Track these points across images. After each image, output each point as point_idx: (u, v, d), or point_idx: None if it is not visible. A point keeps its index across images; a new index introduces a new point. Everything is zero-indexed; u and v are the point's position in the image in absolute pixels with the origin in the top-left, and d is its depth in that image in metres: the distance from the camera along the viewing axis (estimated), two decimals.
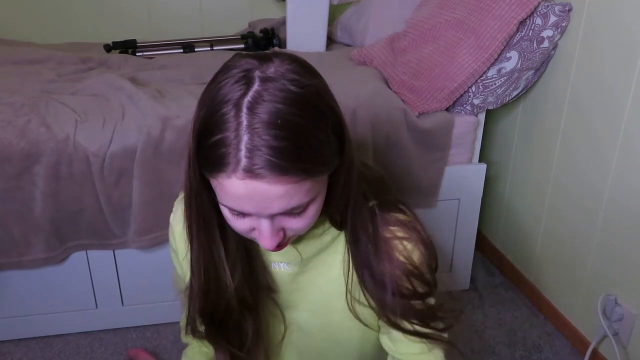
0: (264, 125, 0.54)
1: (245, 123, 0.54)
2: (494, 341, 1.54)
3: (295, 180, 0.56)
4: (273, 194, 0.57)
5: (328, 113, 0.60)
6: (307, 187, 0.58)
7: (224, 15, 2.42)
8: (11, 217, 1.31)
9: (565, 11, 1.40)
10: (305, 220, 0.63)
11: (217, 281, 0.72)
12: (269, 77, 0.56)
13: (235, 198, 0.58)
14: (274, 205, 0.58)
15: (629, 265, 1.29)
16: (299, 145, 0.55)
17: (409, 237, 0.72)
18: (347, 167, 0.65)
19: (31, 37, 2.27)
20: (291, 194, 0.57)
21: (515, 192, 1.74)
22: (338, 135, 0.62)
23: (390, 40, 1.72)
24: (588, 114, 1.38)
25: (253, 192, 0.56)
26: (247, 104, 0.55)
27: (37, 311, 1.49)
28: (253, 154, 0.54)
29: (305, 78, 0.58)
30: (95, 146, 1.30)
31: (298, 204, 0.59)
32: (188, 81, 1.65)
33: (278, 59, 0.59)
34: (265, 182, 0.55)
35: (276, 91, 0.55)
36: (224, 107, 0.56)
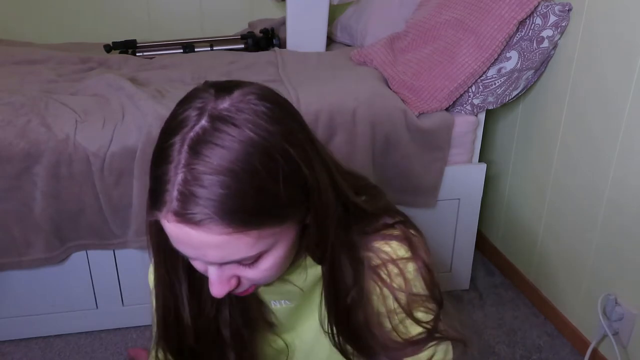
0: (202, 169, 0.49)
1: (183, 162, 0.50)
2: (494, 341, 1.54)
3: (229, 232, 0.51)
4: (206, 243, 0.52)
5: (282, 162, 0.53)
6: (248, 241, 0.53)
7: (224, 15, 2.42)
8: (11, 217, 1.31)
9: (565, 11, 1.40)
10: (261, 272, 0.58)
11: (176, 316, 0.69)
12: (220, 115, 0.51)
13: (173, 240, 0.54)
14: (210, 255, 0.53)
15: (629, 265, 1.29)
16: (237, 196, 0.50)
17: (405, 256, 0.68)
18: (317, 217, 0.59)
19: (31, 37, 2.27)
20: (229, 247, 0.53)
21: (515, 192, 1.74)
22: (297, 186, 0.55)
23: (390, 40, 1.72)
24: (588, 114, 1.38)
25: (186, 238, 0.52)
26: (189, 141, 0.50)
27: (37, 311, 1.49)
28: (185, 198, 0.50)
29: (264, 120, 0.52)
30: (95, 146, 1.30)
31: (241, 257, 0.54)
32: (188, 81, 1.65)
33: (239, 92, 0.54)
34: (196, 229, 0.51)
35: (223, 132, 0.50)
36: (173, 138, 0.52)
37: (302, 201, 0.57)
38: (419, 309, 0.70)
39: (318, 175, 0.58)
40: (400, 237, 0.69)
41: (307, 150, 0.57)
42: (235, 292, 0.61)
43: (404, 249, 0.69)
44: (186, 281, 0.67)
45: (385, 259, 0.68)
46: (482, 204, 1.64)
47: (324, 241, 0.62)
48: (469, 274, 1.74)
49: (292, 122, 0.57)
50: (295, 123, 0.57)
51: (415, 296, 0.69)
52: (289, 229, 0.58)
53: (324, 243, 0.62)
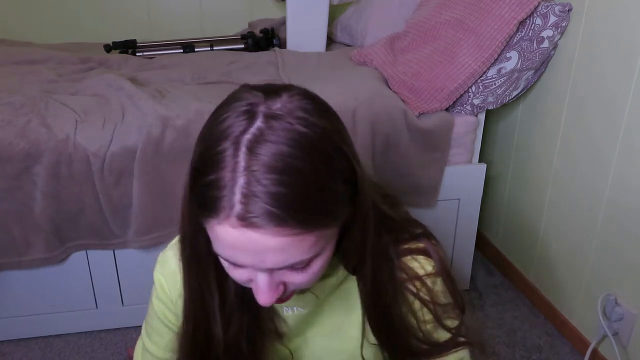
0: (264, 169, 0.48)
1: (243, 164, 0.48)
2: (494, 341, 1.54)
3: (295, 233, 0.50)
4: (269, 247, 0.50)
5: (338, 158, 0.53)
6: (309, 242, 0.52)
7: (224, 15, 2.42)
8: (11, 217, 1.31)
9: (565, 11, 1.40)
10: (309, 275, 0.56)
11: (207, 331, 0.67)
12: (274, 113, 0.50)
13: (228, 247, 0.52)
14: (269, 260, 0.52)
15: (629, 265, 1.29)
16: (302, 194, 0.49)
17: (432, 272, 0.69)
18: (362, 218, 0.59)
19: (31, 37, 2.27)
20: (290, 249, 0.51)
21: (515, 192, 1.74)
22: (349, 183, 0.55)
23: (390, 40, 1.72)
24: (588, 114, 1.38)
25: (247, 243, 0.50)
26: (246, 143, 0.49)
27: (37, 311, 1.49)
28: (249, 200, 0.48)
29: (315, 117, 0.52)
30: (95, 146, 1.30)
31: (298, 260, 0.53)
32: (188, 81, 1.65)
33: (287, 93, 0.53)
34: (261, 232, 0.49)
35: (280, 130, 0.49)
36: (222, 144, 0.50)
37: (351, 201, 0.56)
38: (447, 317, 0.72)
39: (364, 174, 0.57)
40: (426, 251, 0.70)
41: (353, 147, 0.56)
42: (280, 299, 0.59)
43: (430, 265, 0.70)
44: (217, 295, 0.64)
45: (413, 275, 0.69)
46: (482, 204, 1.64)
47: (363, 245, 0.61)
48: (469, 274, 1.74)
49: (337, 119, 0.57)
50: (340, 122, 0.57)
51: (442, 306, 0.71)
52: (335, 233, 0.57)
53: (363, 247, 0.61)
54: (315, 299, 0.70)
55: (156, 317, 0.77)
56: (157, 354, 0.79)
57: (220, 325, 0.66)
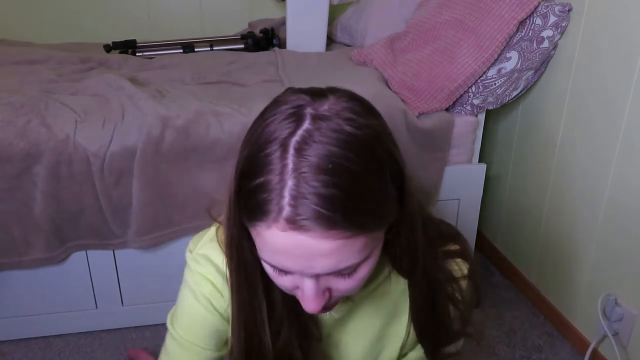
0: (313, 170, 0.47)
1: (291, 166, 0.47)
2: (494, 341, 1.54)
3: (346, 236, 0.48)
4: (319, 251, 0.49)
5: (387, 159, 0.52)
6: (359, 245, 0.50)
7: (224, 15, 2.42)
8: (11, 217, 1.31)
9: (565, 11, 1.40)
10: (355, 282, 0.55)
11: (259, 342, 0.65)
12: (323, 115, 0.49)
13: (275, 252, 0.50)
14: (319, 265, 0.50)
15: (629, 265, 1.29)
16: (352, 195, 0.47)
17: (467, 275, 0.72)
18: (409, 222, 0.58)
19: (31, 37, 2.27)
20: (340, 253, 0.49)
21: (515, 192, 1.74)
22: (397, 185, 0.54)
23: (390, 40, 1.72)
24: (588, 114, 1.38)
25: (296, 247, 0.49)
26: (294, 144, 0.48)
27: (37, 311, 1.49)
28: (298, 203, 0.47)
29: (363, 118, 0.51)
30: (95, 146, 1.30)
31: (348, 265, 0.51)
32: (188, 81, 1.65)
33: (334, 95, 0.52)
34: (311, 236, 0.48)
35: (329, 131, 0.48)
36: (269, 147, 0.49)
37: (399, 204, 0.55)
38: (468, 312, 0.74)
39: (406, 178, 0.56)
40: (462, 254, 0.71)
41: (399, 149, 0.55)
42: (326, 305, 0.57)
43: (466, 267, 0.71)
44: (265, 303, 0.63)
45: (450, 277, 0.70)
46: (482, 204, 1.64)
47: (414, 247, 0.60)
48: None
49: (384, 121, 0.56)
50: (385, 123, 0.56)
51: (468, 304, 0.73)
52: (382, 236, 0.56)
53: (415, 249, 0.60)
54: (351, 304, 0.70)
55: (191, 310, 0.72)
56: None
57: (269, 334, 0.65)
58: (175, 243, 1.43)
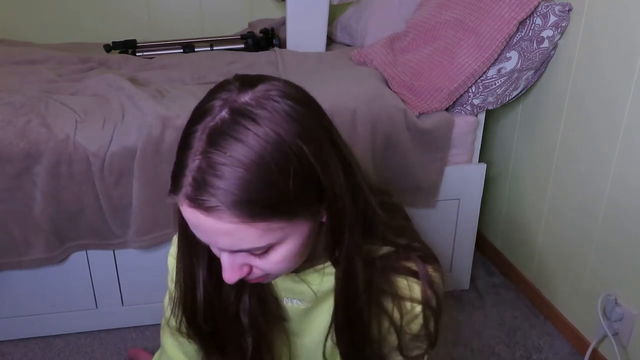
0: (217, 159, 0.52)
1: (200, 149, 0.53)
2: (494, 341, 1.54)
3: (235, 222, 0.53)
4: (215, 230, 0.54)
5: (295, 160, 0.54)
6: (255, 232, 0.54)
7: (224, 15, 2.42)
8: (11, 217, 1.31)
9: (565, 11, 1.40)
10: (272, 264, 0.59)
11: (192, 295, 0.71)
12: (240, 108, 0.53)
13: (188, 223, 0.57)
14: (220, 242, 0.56)
15: (629, 265, 1.29)
16: (247, 188, 0.52)
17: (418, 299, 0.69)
18: (332, 216, 0.60)
19: (31, 37, 2.27)
20: (236, 235, 0.54)
21: (515, 192, 1.74)
22: (308, 184, 0.56)
23: (390, 40, 1.72)
24: (588, 114, 1.38)
25: (197, 223, 0.54)
26: (208, 130, 0.53)
27: (37, 311, 1.49)
28: (198, 184, 0.52)
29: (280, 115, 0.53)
30: (95, 146, 1.30)
31: (250, 247, 0.56)
32: (188, 81, 1.65)
33: (263, 87, 0.55)
34: (207, 216, 0.53)
35: (241, 126, 0.52)
36: (196, 125, 0.54)
37: (314, 200, 0.58)
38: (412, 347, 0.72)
39: (333, 176, 0.58)
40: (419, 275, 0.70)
41: (324, 150, 0.57)
42: (248, 278, 0.62)
43: (417, 290, 0.69)
44: (205, 263, 0.69)
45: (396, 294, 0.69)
46: (482, 204, 1.64)
47: (339, 243, 0.63)
48: (469, 274, 1.74)
49: (313, 120, 0.57)
50: (315, 122, 0.57)
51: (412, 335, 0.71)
52: (301, 226, 0.58)
53: (340, 245, 0.63)
54: (314, 296, 0.72)
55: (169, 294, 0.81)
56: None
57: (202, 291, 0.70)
58: None
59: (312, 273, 0.71)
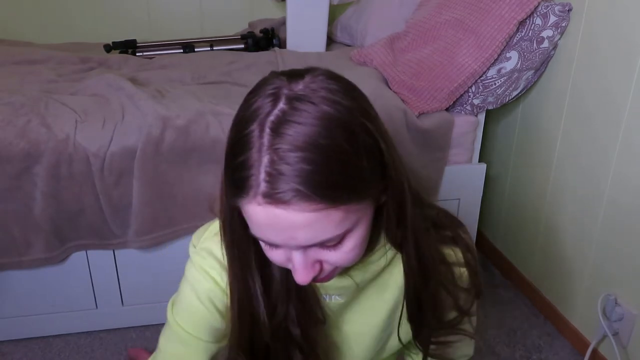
0: (287, 147, 0.50)
1: (267, 144, 0.51)
2: (494, 341, 1.54)
3: (320, 208, 0.51)
4: (296, 224, 0.52)
5: (362, 135, 0.54)
6: (336, 218, 0.53)
7: (224, 15, 2.42)
8: (11, 217, 1.31)
9: (565, 11, 1.40)
10: (344, 254, 0.58)
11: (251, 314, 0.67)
12: (297, 95, 0.52)
13: (259, 226, 0.54)
14: (299, 237, 0.53)
15: (629, 265, 1.29)
16: (324, 170, 0.50)
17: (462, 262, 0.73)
18: (396, 192, 0.60)
19: (31, 37, 2.27)
20: (317, 225, 0.52)
21: (515, 191, 1.74)
22: (375, 160, 0.56)
23: (390, 40, 1.72)
24: (588, 114, 1.38)
25: (275, 221, 0.52)
26: (270, 124, 0.51)
27: (37, 311, 1.49)
28: (273, 178, 0.50)
29: (339, 96, 0.54)
30: (95, 146, 1.30)
31: (328, 237, 0.54)
32: (188, 81, 1.65)
33: (310, 75, 0.55)
34: (287, 209, 0.51)
35: (303, 111, 0.51)
36: (249, 126, 0.52)
37: (380, 176, 0.57)
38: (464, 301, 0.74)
39: (392, 150, 0.59)
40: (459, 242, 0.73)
41: (381, 125, 0.58)
42: (318, 278, 0.60)
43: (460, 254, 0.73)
44: (259, 278, 0.66)
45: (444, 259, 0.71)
46: (482, 204, 1.64)
47: (404, 218, 0.62)
48: None
49: (364, 99, 0.58)
50: (367, 100, 0.58)
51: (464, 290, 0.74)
52: (368, 207, 0.58)
53: (404, 220, 0.62)
54: (355, 288, 0.71)
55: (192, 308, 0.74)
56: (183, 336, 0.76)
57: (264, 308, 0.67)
58: (175, 243, 1.43)
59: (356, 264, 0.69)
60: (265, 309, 0.67)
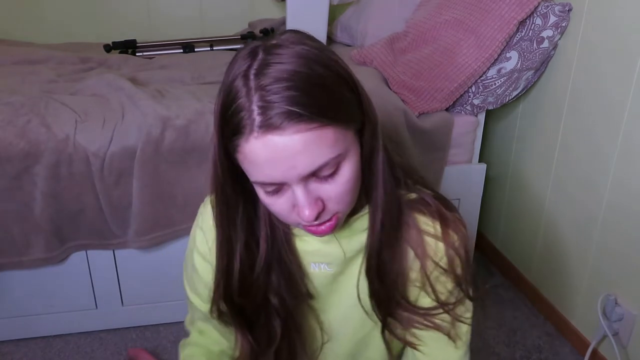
0: (271, 81, 0.55)
1: (254, 86, 0.55)
2: (494, 341, 1.54)
3: (314, 127, 0.55)
4: (293, 149, 0.55)
5: (336, 68, 0.59)
6: (330, 138, 0.57)
7: (224, 15, 2.42)
8: (11, 217, 1.31)
9: (565, 11, 1.40)
10: (341, 185, 0.60)
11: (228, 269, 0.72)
12: (273, 45, 0.58)
13: (259, 166, 0.57)
14: (298, 164, 0.56)
15: (629, 265, 1.29)
16: (309, 93, 0.55)
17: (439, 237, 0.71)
18: (370, 134, 0.64)
19: (31, 37, 2.27)
20: (313, 147, 0.56)
21: (515, 192, 1.74)
22: (352, 91, 0.61)
23: (390, 40, 1.72)
24: (588, 114, 1.38)
25: (274, 151, 0.55)
26: (253, 72, 0.56)
27: (37, 311, 1.49)
28: (266, 109, 0.54)
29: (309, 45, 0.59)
30: (95, 146, 1.30)
31: (325, 160, 0.57)
32: (188, 81, 1.65)
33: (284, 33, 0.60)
34: (283, 134, 0.54)
35: (281, 55, 0.56)
36: (235, 82, 0.57)
37: (358, 108, 0.62)
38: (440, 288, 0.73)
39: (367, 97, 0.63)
40: (441, 216, 0.72)
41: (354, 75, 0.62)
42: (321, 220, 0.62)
43: (439, 228, 0.72)
44: (243, 238, 0.70)
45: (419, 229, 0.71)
46: (482, 204, 1.64)
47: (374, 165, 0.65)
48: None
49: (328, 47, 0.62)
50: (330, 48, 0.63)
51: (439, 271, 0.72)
52: (354, 141, 0.62)
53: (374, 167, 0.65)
54: (343, 258, 0.72)
55: (196, 272, 0.81)
56: (202, 308, 0.82)
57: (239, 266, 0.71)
58: (175, 243, 1.43)
59: (344, 228, 0.71)
60: (240, 268, 0.71)
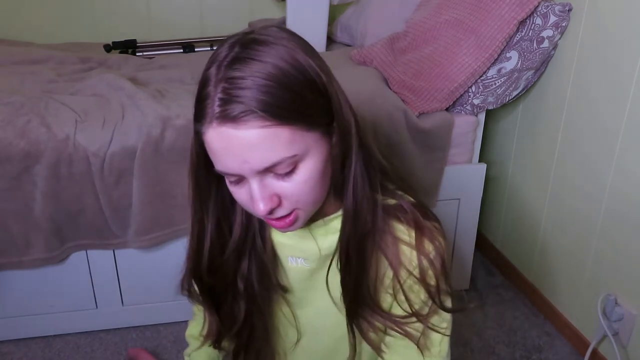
0: (239, 76, 0.56)
1: (222, 77, 0.57)
2: (494, 341, 1.54)
3: (269, 125, 0.56)
4: (246, 143, 0.56)
5: (307, 72, 0.60)
6: (284, 138, 0.57)
7: (224, 16, 2.42)
8: (11, 217, 1.31)
9: (565, 11, 1.40)
10: (299, 184, 0.61)
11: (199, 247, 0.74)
12: (252, 39, 0.59)
13: (218, 155, 0.59)
14: (251, 159, 0.57)
15: (629, 265, 1.29)
16: (270, 91, 0.56)
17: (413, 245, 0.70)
18: (341, 133, 0.63)
19: (31, 37, 2.27)
20: (266, 144, 0.57)
21: (515, 192, 1.74)
22: (321, 93, 0.61)
23: (390, 40, 1.72)
24: (588, 114, 1.38)
25: (228, 142, 0.57)
26: (226, 63, 0.58)
27: (37, 311, 1.49)
28: (225, 102, 0.56)
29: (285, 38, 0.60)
30: (95, 146, 1.30)
31: (279, 159, 0.58)
32: (188, 81, 1.65)
33: (267, 29, 0.62)
34: (237, 127, 0.56)
35: (256, 51, 0.58)
36: (210, 69, 0.59)
37: (326, 110, 0.62)
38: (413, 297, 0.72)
39: (340, 99, 0.64)
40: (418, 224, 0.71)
41: (323, 63, 0.63)
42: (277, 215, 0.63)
43: (414, 237, 0.71)
44: (214, 221, 0.72)
45: (395, 236, 0.71)
46: (482, 204, 1.64)
47: (348, 165, 0.65)
48: (469, 274, 1.74)
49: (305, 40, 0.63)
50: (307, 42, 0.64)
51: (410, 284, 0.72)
52: (320, 141, 0.62)
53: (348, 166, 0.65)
54: (318, 254, 0.73)
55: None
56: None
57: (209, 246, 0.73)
58: (175, 243, 1.43)
59: (319, 226, 0.72)
60: (209, 248, 0.73)
